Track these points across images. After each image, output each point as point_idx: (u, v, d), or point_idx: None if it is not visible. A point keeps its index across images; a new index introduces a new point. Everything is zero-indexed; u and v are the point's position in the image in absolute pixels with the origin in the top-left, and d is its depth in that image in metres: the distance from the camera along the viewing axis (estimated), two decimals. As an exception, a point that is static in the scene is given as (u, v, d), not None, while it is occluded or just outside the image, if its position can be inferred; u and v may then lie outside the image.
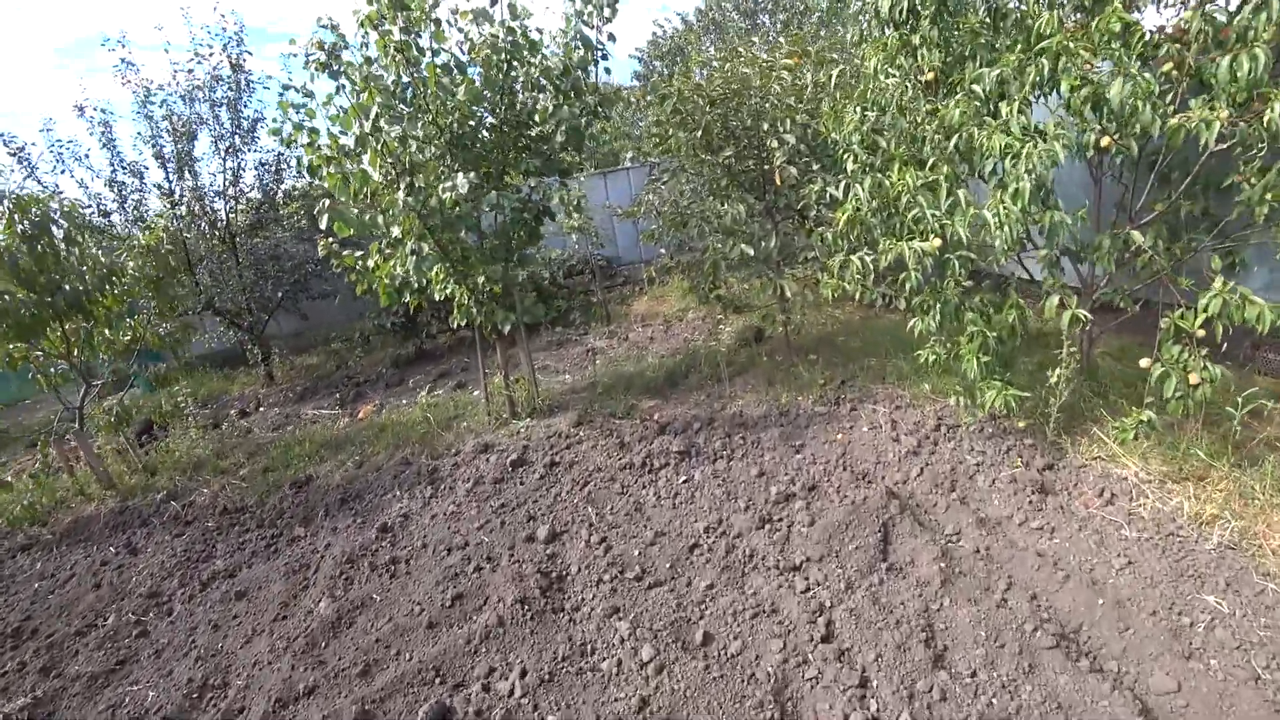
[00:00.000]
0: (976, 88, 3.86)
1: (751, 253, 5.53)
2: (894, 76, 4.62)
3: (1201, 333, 3.58)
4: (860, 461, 4.55)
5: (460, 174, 4.69)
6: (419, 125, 5.36)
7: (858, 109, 4.95)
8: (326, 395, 9.32)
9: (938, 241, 4.01)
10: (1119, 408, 4.68)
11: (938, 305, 4.21)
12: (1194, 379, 3.53)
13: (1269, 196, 3.48)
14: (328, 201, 4.65)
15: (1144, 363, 3.72)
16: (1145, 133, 3.37)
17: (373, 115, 4.81)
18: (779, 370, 6.55)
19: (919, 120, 4.27)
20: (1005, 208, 3.50)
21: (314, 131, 5.13)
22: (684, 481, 4.64)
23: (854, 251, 4.34)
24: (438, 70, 5.32)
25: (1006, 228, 3.50)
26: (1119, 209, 4.92)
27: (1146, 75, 3.33)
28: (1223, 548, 3.43)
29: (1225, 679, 2.73)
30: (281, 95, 5.22)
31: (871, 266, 4.11)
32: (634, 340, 9.01)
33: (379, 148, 4.90)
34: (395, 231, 5.12)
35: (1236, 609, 3.06)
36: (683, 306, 10.27)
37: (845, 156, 4.91)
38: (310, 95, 5.31)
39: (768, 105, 5.92)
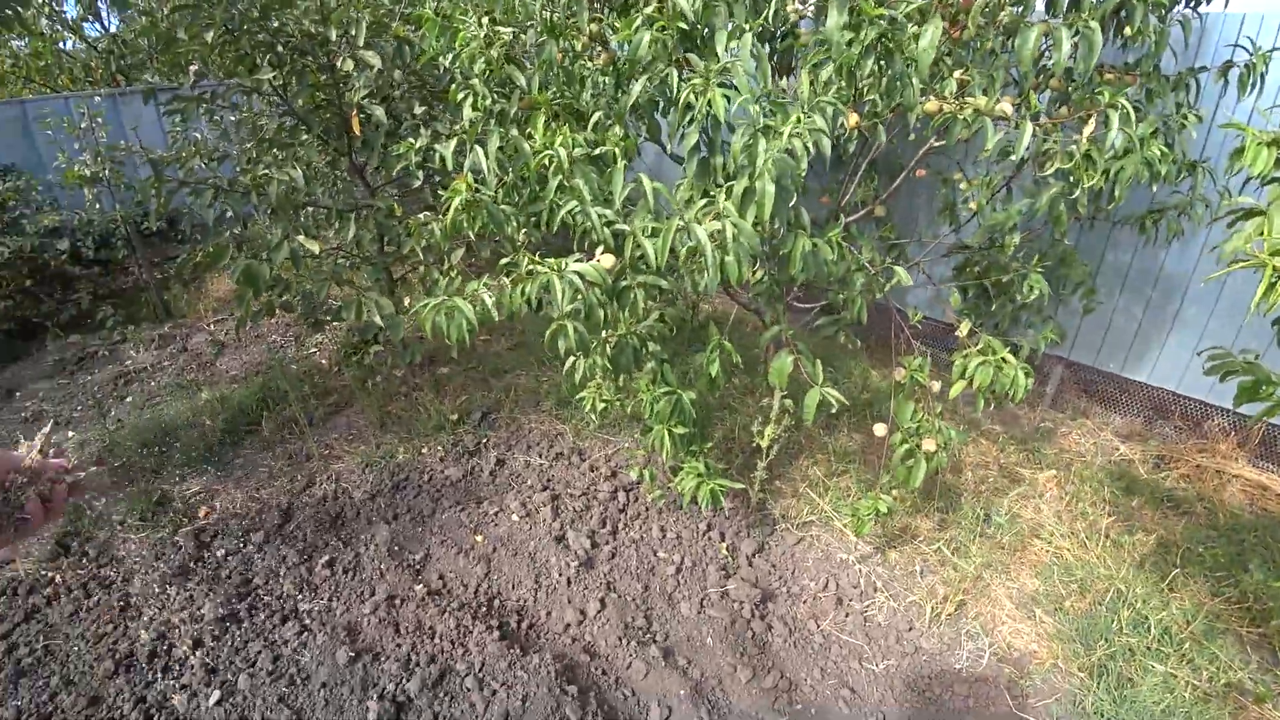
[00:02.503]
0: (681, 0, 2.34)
1: (316, 249, 3.39)
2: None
3: (936, 387, 2.74)
4: (514, 590, 2.97)
5: None
6: None
7: (483, 19, 3.10)
8: None
9: (611, 260, 2.48)
10: (819, 441, 3.90)
11: (607, 348, 2.75)
12: (929, 445, 2.69)
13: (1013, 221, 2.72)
14: None
15: (879, 431, 2.78)
16: (902, 115, 2.24)
17: None
18: (397, 399, 4.61)
19: (579, 48, 2.65)
20: (734, 223, 2.07)
21: None
22: (218, 704, 2.51)
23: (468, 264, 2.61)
24: None
25: (733, 256, 2.09)
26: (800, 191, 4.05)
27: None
28: (973, 661, 2.72)
29: None
30: None
31: (492, 307, 2.41)
32: (196, 350, 5.96)
33: None
34: None
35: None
36: (266, 287, 7.44)
37: (462, 97, 3.07)
38: None
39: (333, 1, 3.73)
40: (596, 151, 2.68)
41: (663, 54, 2.53)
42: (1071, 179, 2.55)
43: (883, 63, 2.24)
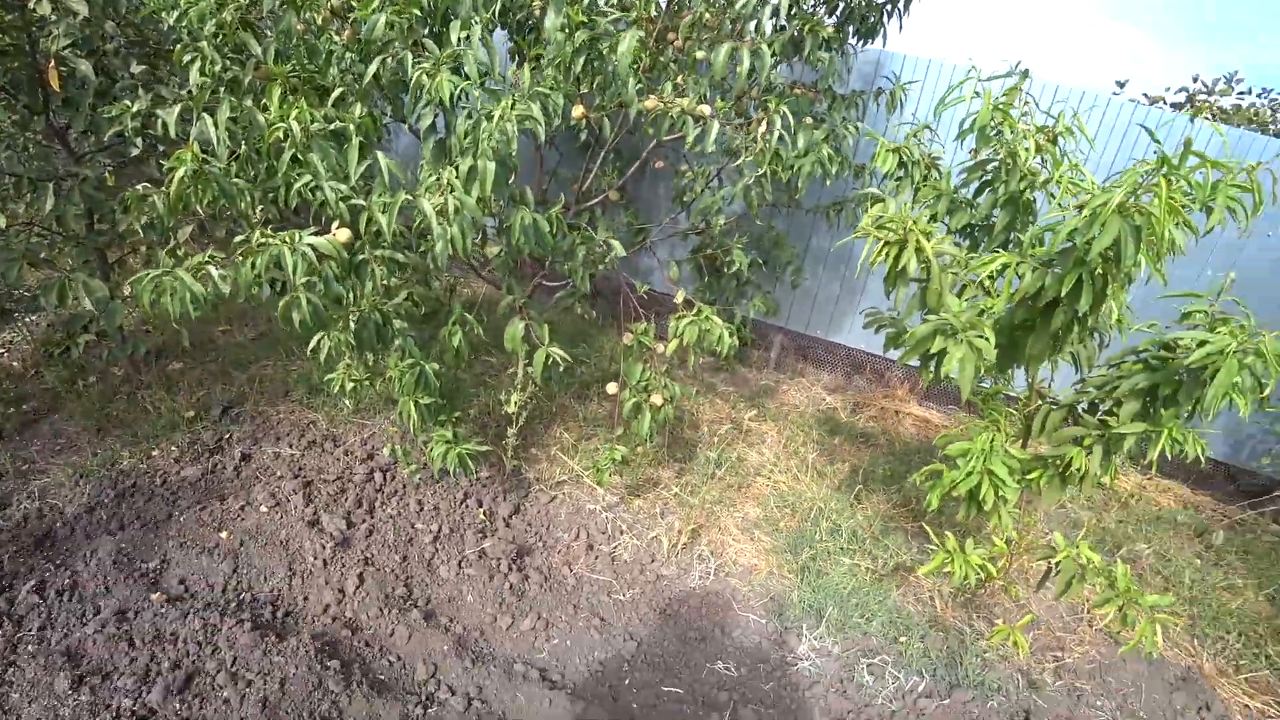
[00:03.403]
0: (419, -14, 2.42)
1: (1, 223, 2.92)
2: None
3: (661, 346, 3.13)
4: (267, 581, 2.86)
5: None
6: None
7: (215, -26, 2.88)
8: None
9: (346, 234, 2.52)
10: (571, 410, 4.19)
11: (350, 324, 2.76)
12: (657, 400, 3.08)
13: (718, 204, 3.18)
14: None
15: (611, 389, 3.12)
16: (620, 109, 2.55)
17: None
18: (118, 400, 4.09)
19: (321, 22, 2.62)
20: (457, 197, 2.22)
21: None
22: None
23: (190, 248, 2.49)
24: None
25: (457, 228, 2.24)
26: (550, 177, 4.30)
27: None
28: (704, 579, 3.18)
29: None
30: None
31: (219, 281, 2.34)
32: None
33: None
34: None
35: (741, 668, 2.75)
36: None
37: (188, 59, 2.84)
38: None
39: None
40: (333, 127, 2.67)
41: (400, 36, 2.60)
42: (760, 171, 3.07)
43: (596, 63, 2.53)
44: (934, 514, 3.28)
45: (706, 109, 2.75)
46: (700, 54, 2.86)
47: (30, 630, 2.61)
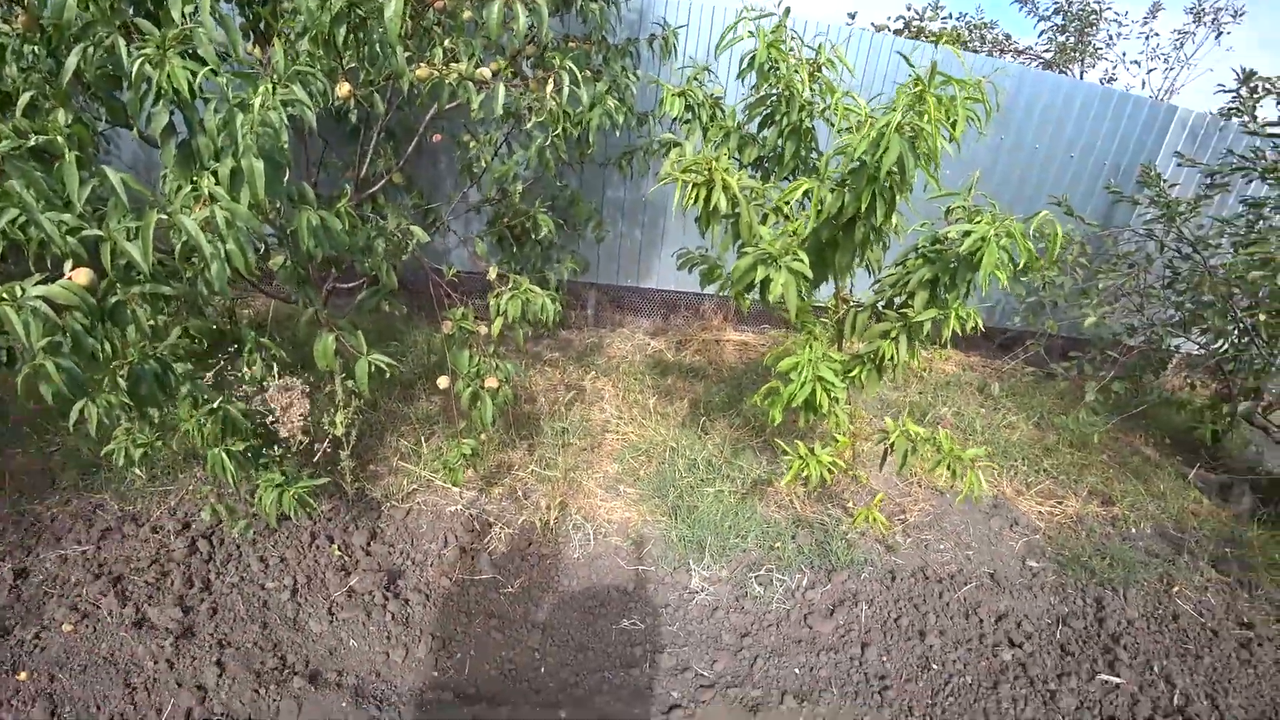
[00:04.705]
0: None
1: None
2: None
3: (484, 328, 2.99)
4: (100, 705, 2.35)
5: None
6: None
7: None
8: None
9: (86, 275, 2.06)
10: (401, 414, 3.91)
11: (120, 381, 2.31)
12: (492, 383, 2.95)
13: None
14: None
15: (442, 383, 2.94)
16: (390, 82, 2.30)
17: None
18: None
19: None
20: (225, 207, 1.88)
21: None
22: None
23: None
24: None
25: (233, 244, 1.91)
26: (319, 168, 3.84)
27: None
28: (585, 546, 3.18)
29: None
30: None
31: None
32: None
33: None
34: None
35: (645, 619, 2.80)
36: None
37: None
38: None
39: None
40: (33, 143, 2.15)
41: (103, 17, 2.11)
42: (550, 130, 2.99)
43: (359, 32, 2.27)
44: (775, 426, 3.55)
45: (487, 72, 2.59)
46: (467, 14, 2.67)
47: None
